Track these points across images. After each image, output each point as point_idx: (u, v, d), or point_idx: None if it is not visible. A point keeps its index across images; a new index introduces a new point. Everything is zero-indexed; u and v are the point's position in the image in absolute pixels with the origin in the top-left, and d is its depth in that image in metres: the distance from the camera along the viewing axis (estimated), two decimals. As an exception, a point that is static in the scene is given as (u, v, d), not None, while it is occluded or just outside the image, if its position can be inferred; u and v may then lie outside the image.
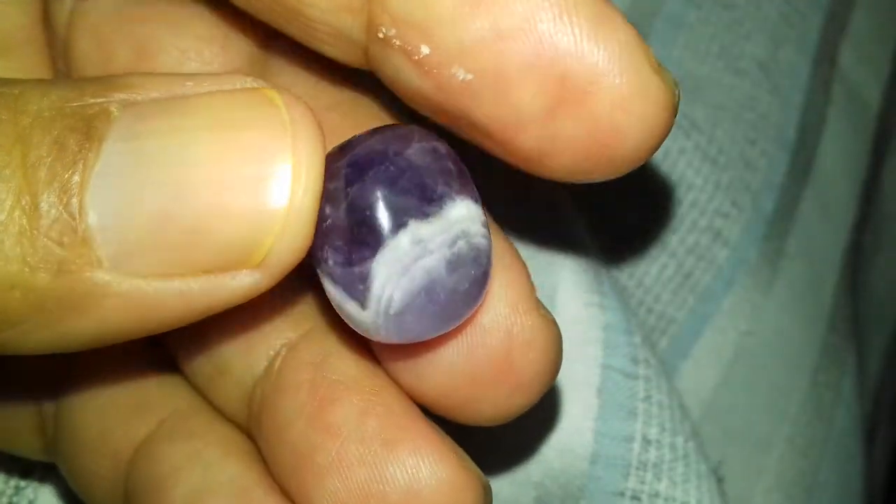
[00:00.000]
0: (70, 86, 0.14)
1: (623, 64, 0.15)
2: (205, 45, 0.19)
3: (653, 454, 0.24)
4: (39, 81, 0.14)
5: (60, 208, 0.13)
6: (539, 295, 0.26)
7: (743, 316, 0.29)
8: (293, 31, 0.17)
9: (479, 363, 0.17)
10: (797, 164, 0.31)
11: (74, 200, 0.13)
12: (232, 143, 0.14)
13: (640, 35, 0.15)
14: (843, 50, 0.34)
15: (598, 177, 0.16)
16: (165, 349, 0.20)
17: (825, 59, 0.33)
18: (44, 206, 0.13)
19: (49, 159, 0.13)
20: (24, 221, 0.13)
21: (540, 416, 0.25)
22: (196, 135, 0.14)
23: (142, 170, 0.14)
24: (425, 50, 0.15)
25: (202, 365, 0.19)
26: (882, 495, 0.41)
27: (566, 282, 0.26)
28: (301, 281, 0.18)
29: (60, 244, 0.13)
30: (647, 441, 0.24)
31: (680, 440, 0.25)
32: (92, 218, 0.13)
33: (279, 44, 0.19)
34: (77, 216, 0.13)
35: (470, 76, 0.15)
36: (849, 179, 0.34)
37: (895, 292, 0.39)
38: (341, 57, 0.17)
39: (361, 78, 0.19)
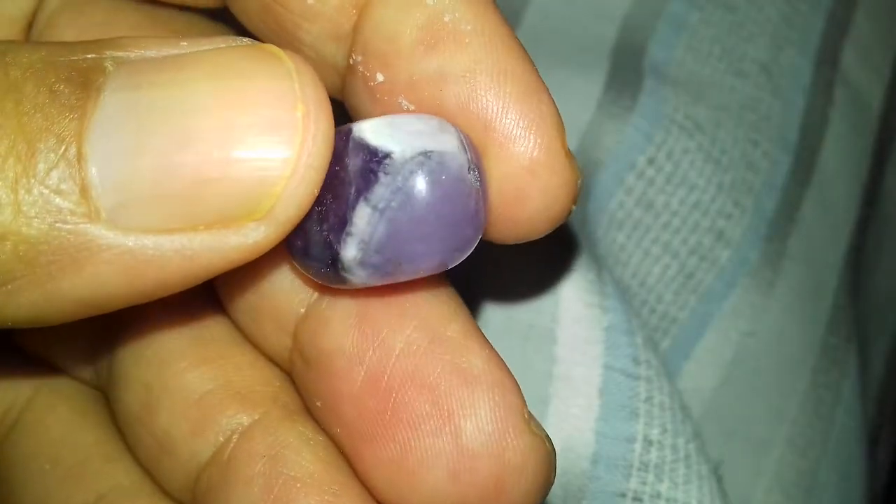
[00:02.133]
0: (59, 44, 0.14)
1: (541, 133, 0.16)
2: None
3: (654, 455, 0.24)
4: (24, 41, 0.14)
5: (58, 156, 0.13)
6: (540, 295, 0.26)
7: (744, 316, 0.29)
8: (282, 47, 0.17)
9: (466, 489, 0.16)
10: (799, 165, 0.31)
11: (73, 149, 0.13)
12: (238, 91, 0.13)
13: (561, 118, 0.16)
14: (844, 52, 0.34)
15: (499, 236, 0.17)
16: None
17: (827, 60, 0.33)
18: (41, 153, 0.13)
19: (46, 107, 0.13)
20: (20, 168, 0.13)
21: (541, 415, 0.25)
22: (199, 84, 0.13)
23: (143, 120, 0.13)
24: (380, 77, 0.16)
25: (146, 441, 0.18)
26: (885, 496, 0.41)
27: (568, 281, 0.26)
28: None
29: (58, 192, 0.13)
30: (648, 442, 0.24)
31: (681, 441, 0.25)
32: (91, 168, 0.13)
33: None
34: (76, 164, 0.13)
35: (412, 107, 0.16)
36: (850, 181, 0.34)
37: None
38: (322, 77, 0.17)
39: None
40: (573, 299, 0.25)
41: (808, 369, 0.30)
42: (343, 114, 0.17)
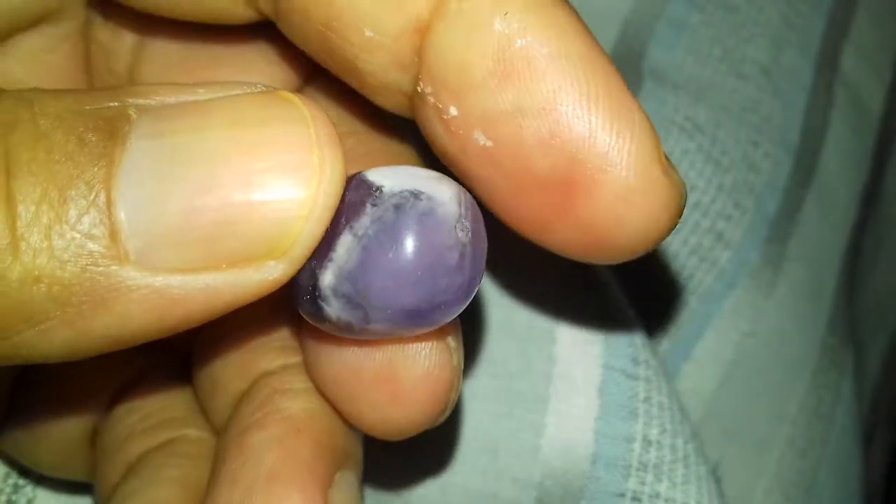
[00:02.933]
0: (83, 92, 0.14)
1: (633, 159, 0.15)
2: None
3: (653, 455, 0.24)
4: (48, 90, 0.14)
5: (89, 202, 0.13)
6: (539, 294, 0.26)
7: (744, 317, 0.29)
8: (347, 78, 0.17)
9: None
10: (800, 166, 0.32)
11: (102, 195, 0.13)
12: (256, 138, 0.14)
13: (656, 133, 0.15)
14: (845, 53, 0.34)
15: (594, 260, 0.16)
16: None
17: (827, 62, 0.33)
18: (72, 199, 0.13)
19: (75, 155, 0.13)
20: (53, 215, 0.13)
21: (541, 414, 0.25)
22: (219, 132, 0.14)
23: (168, 165, 0.14)
24: (453, 111, 0.16)
25: (203, 383, 0.20)
26: (879, 496, 0.41)
27: (568, 281, 0.26)
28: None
29: (89, 237, 0.13)
30: (647, 442, 0.24)
31: (680, 441, 0.25)
32: (120, 213, 0.13)
33: (322, 79, 0.20)
34: (106, 210, 0.13)
35: (490, 143, 0.15)
36: (850, 182, 0.34)
37: (895, 296, 0.39)
38: (388, 106, 0.17)
39: (400, 126, 0.20)
40: (573, 299, 0.25)
41: (807, 370, 0.30)
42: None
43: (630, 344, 0.25)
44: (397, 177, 0.15)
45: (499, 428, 0.25)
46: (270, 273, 0.14)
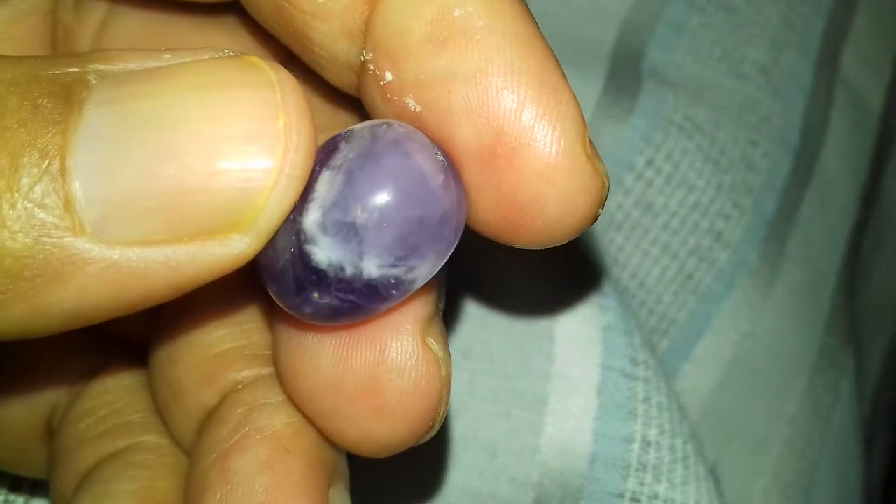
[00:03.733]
0: (43, 58, 0.14)
1: (556, 137, 0.15)
2: None
3: (652, 456, 0.24)
4: (7, 55, 0.14)
5: (42, 170, 0.13)
6: (538, 294, 0.26)
7: (743, 317, 0.29)
8: (299, 51, 0.17)
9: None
10: (800, 166, 0.32)
11: (56, 163, 0.13)
12: (220, 102, 0.13)
13: (583, 118, 0.15)
14: (845, 53, 0.34)
15: (515, 242, 0.16)
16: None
17: (827, 62, 0.33)
18: (24, 167, 0.13)
19: (29, 122, 0.13)
20: (3, 183, 0.13)
21: (539, 414, 0.25)
22: (181, 96, 0.13)
23: (126, 132, 0.13)
24: (389, 77, 0.16)
25: (162, 389, 0.19)
26: (879, 497, 0.41)
27: (567, 282, 0.26)
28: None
29: (42, 207, 0.13)
30: (646, 442, 0.24)
31: (679, 442, 0.25)
32: (75, 181, 0.13)
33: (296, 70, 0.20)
34: (59, 179, 0.13)
35: (419, 108, 0.16)
36: (850, 182, 0.34)
37: (895, 296, 0.39)
38: (337, 82, 0.17)
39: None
40: (572, 299, 0.25)
41: (806, 370, 0.30)
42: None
43: (629, 344, 0.25)
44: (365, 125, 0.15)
45: (497, 428, 0.25)
46: (235, 247, 0.14)
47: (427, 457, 0.25)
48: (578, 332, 0.25)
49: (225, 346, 0.18)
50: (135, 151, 0.13)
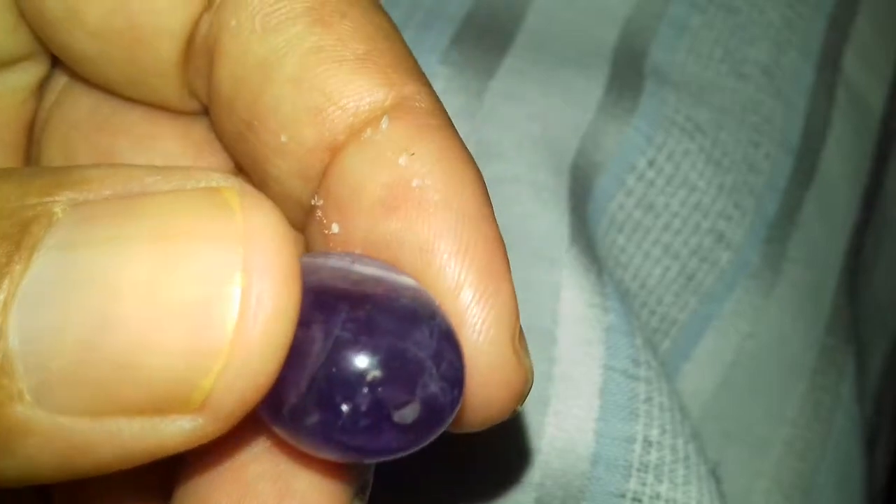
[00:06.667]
0: (19, 180, 0.13)
1: (487, 325, 0.15)
2: (172, 163, 0.18)
3: (654, 456, 0.24)
4: None
5: None
6: (540, 295, 0.26)
7: (744, 318, 0.29)
8: (253, 179, 0.17)
9: None
10: (801, 167, 0.32)
11: None
12: (169, 260, 0.12)
13: (517, 312, 0.15)
14: (846, 55, 0.34)
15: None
16: None
17: (829, 63, 0.33)
18: None
19: None
20: None
21: (541, 415, 0.25)
22: (133, 247, 0.12)
23: (70, 289, 0.12)
24: (335, 228, 0.15)
25: None
26: (882, 497, 0.41)
27: (569, 281, 0.26)
28: None
29: None
30: (648, 443, 0.24)
31: (680, 442, 0.25)
32: (13, 342, 0.11)
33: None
34: None
35: None
36: (851, 183, 0.34)
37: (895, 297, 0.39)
38: (284, 212, 0.17)
39: None
40: (574, 300, 0.25)
41: (807, 371, 0.30)
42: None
43: (631, 345, 0.25)
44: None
45: (498, 428, 0.25)
46: (185, 427, 0.12)
47: (430, 458, 0.25)
48: (580, 333, 0.25)
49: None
50: (76, 314, 0.12)
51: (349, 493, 0.15)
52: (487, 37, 0.29)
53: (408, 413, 0.13)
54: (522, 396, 0.15)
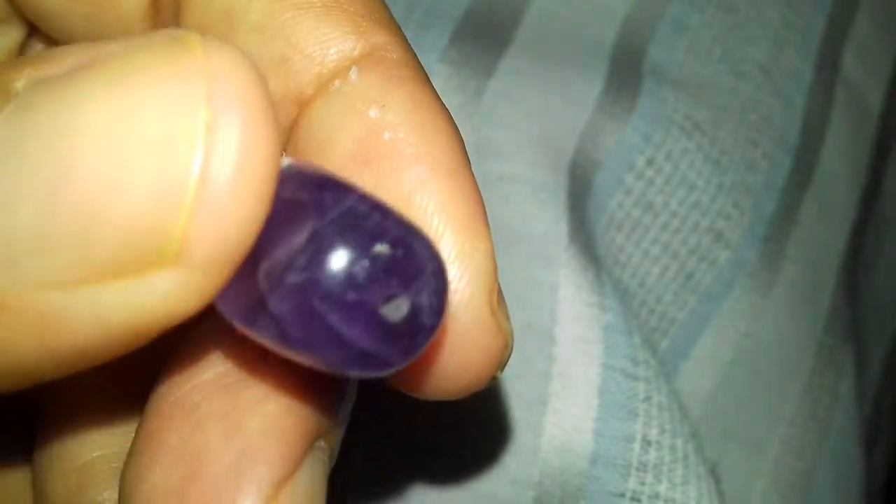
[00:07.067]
0: None
1: (464, 283, 0.14)
2: None
3: (653, 455, 0.24)
4: None
5: None
6: (539, 294, 0.26)
7: (742, 317, 0.29)
8: None
9: None
10: (799, 166, 0.32)
11: None
12: (127, 102, 0.11)
13: (495, 269, 0.14)
14: (845, 54, 0.34)
15: (400, 388, 0.15)
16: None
17: (827, 62, 0.33)
18: None
19: None
20: None
21: (540, 414, 0.25)
22: (89, 95, 0.11)
23: (25, 152, 0.11)
24: None
25: (36, 500, 0.16)
26: (882, 498, 0.41)
27: (566, 281, 0.26)
28: None
29: None
30: (647, 442, 0.24)
31: (679, 442, 0.25)
32: None
33: None
34: None
35: None
36: (850, 182, 0.34)
37: (895, 297, 0.39)
38: None
39: None
40: (572, 299, 0.25)
41: (805, 370, 0.30)
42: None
43: (630, 344, 0.25)
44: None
45: (497, 428, 0.25)
46: (166, 286, 0.11)
47: (428, 457, 0.25)
48: (579, 332, 0.25)
49: (94, 454, 0.16)
50: (33, 175, 0.11)
51: (305, 441, 0.14)
52: (486, 36, 0.29)
53: (395, 309, 0.12)
54: (501, 362, 0.15)
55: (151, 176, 0.11)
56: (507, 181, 0.27)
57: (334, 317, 0.12)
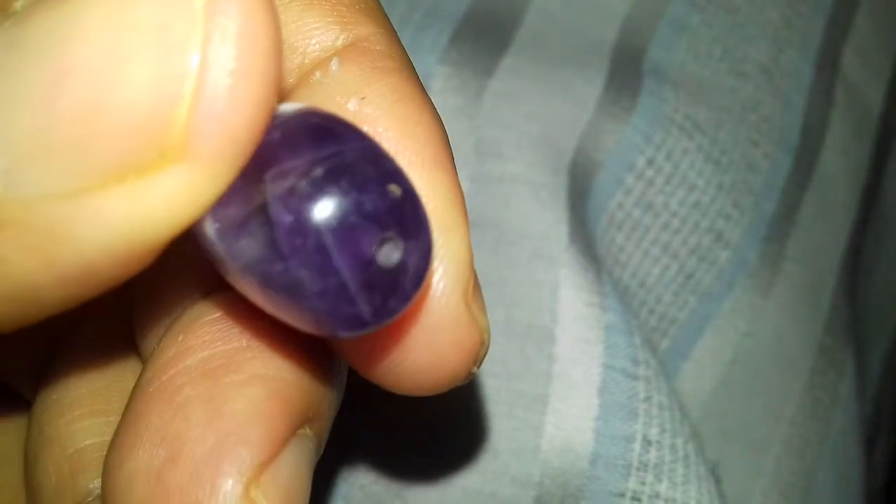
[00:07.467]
0: None
1: (439, 277, 0.14)
2: None
3: (653, 455, 0.24)
4: None
5: None
6: (539, 294, 0.26)
7: (743, 317, 0.29)
8: None
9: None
10: (799, 166, 0.32)
11: None
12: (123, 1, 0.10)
13: (473, 265, 0.14)
14: (845, 54, 0.34)
15: (376, 381, 0.15)
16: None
17: (827, 62, 0.33)
18: None
19: None
20: None
21: (540, 414, 0.25)
22: (83, 2, 0.11)
23: (25, 51, 0.11)
24: None
25: (27, 488, 0.16)
26: (882, 498, 0.41)
27: (567, 281, 0.26)
28: None
29: None
30: (647, 442, 0.24)
31: (680, 441, 0.25)
32: None
33: None
34: None
35: None
36: (850, 182, 0.34)
37: (895, 297, 0.39)
38: None
39: None
40: (573, 299, 0.25)
41: (805, 370, 0.30)
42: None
43: (630, 343, 0.25)
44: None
45: (498, 427, 0.25)
46: (175, 185, 0.11)
47: (428, 457, 0.25)
48: (580, 332, 0.25)
49: (86, 442, 0.16)
50: (29, 80, 0.10)
51: (288, 425, 0.14)
52: (486, 36, 0.29)
53: (386, 254, 0.12)
54: (478, 358, 0.14)
55: (150, 66, 0.10)
56: (508, 181, 0.27)
57: (330, 236, 0.12)
